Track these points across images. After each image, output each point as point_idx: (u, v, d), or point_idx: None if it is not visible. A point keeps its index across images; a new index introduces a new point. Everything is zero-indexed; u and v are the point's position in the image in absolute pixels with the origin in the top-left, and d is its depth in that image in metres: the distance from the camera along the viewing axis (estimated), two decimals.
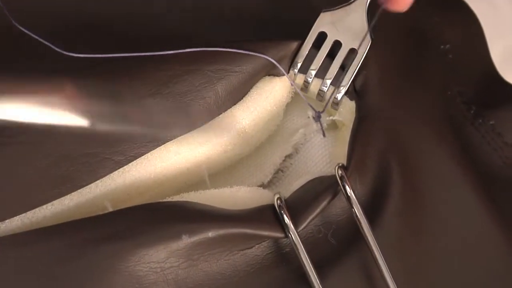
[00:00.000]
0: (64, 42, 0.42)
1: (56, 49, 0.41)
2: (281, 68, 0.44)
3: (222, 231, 0.40)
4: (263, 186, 0.48)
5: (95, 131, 0.42)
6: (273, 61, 0.44)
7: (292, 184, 0.44)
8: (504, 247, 0.43)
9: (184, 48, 0.42)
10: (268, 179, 0.48)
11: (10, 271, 0.38)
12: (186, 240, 0.39)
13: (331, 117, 0.46)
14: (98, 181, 0.42)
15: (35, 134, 0.41)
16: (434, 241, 0.43)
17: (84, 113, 0.42)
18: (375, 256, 0.41)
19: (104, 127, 0.42)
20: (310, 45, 0.45)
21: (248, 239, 0.41)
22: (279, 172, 0.48)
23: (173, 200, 0.43)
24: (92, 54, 0.41)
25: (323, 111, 0.46)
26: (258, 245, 0.42)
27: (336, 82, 0.45)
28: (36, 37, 0.42)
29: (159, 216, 0.40)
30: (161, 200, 0.43)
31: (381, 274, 0.41)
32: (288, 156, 0.48)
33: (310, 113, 0.46)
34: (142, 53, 0.42)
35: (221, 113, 0.44)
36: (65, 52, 0.42)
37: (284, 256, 0.42)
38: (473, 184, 0.43)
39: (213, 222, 0.40)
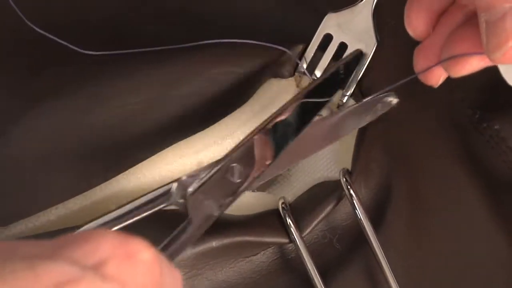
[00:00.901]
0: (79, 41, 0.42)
1: (75, 48, 0.41)
2: (298, 62, 0.44)
3: (226, 240, 0.40)
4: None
5: (100, 134, 0.41)
6: (289, 52, 0.43)
7: (297, 188, 0.44)
8: (507, 250, 0.43)
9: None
10: None
11: None
12: (190, 251, 0.39)
13: None
14: (102, 183, 0.41)
15: (38, 137, 0.41)
16: (438, 245, 0.43)
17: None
18: (380, 260, 0.41)
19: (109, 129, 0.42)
20: (316, 47, 0.45)
21: (253, 247, 0.41)
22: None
23: None
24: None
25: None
26: (263, 252, 0.42)
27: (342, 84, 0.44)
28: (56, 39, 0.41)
29: None
30: None
31: (386, 278, 0.41)
32: None
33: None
34: (157, 48, 0.42)
35: (226, 115, 0.43)
36: (81, 51, 0.41)
37: (289, 262, 0.42)
38: (477, 188, 0.43)
39: (216, 232, 0.39)
